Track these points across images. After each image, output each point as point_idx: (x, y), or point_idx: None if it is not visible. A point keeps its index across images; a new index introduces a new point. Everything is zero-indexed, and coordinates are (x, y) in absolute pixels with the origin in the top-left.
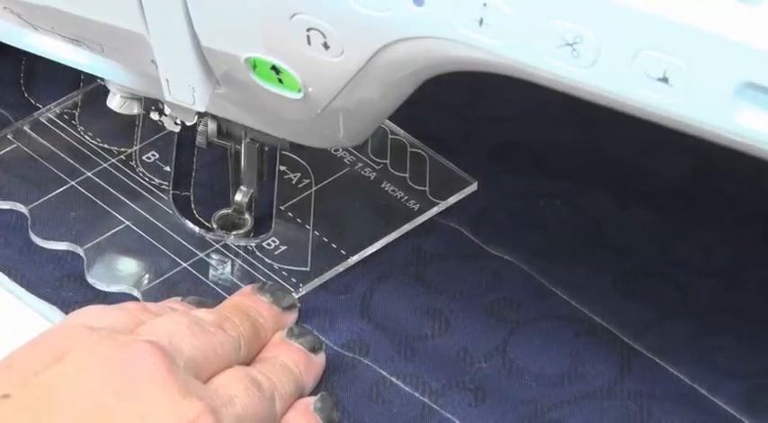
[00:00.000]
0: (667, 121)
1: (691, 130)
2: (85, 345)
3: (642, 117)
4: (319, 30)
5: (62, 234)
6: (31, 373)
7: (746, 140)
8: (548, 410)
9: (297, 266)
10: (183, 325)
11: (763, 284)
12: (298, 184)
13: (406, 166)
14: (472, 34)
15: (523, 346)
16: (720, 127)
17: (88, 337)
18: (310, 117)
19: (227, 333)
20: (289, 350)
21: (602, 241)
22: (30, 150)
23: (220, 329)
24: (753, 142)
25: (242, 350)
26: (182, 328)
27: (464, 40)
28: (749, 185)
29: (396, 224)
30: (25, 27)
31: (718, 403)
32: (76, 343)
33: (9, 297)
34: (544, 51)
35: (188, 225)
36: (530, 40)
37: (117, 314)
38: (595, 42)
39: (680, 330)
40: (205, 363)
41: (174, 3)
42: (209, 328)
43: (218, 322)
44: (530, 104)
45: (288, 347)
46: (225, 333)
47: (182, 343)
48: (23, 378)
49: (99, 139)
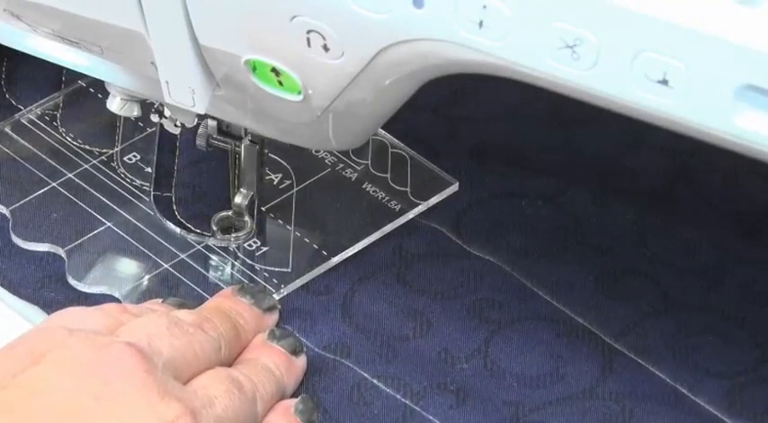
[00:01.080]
0: (667, 123)
1: (690, 132)
2: (63, 347)
3: (642, 119)
4: (319, 32)
5: (43, 235)
6: (9, 376)
7: (746, 142)
8: (529, 412)
9: (278, 267)
10: (163, 326)
11: (744, 283)
12: (279, 184)
13: (388, 166)
14: (472, 36)
15: (505, 347)
16: (720, 129)
17: (66, 338)
18: (310, 119)
19: (207, 334)
20: (270, 352)
21: (584, 241)
22: (11, 152)
23: (200, 330)
24: (753, 144)
25: (222, 351)
26: (161, 329)
27: (464, 42)
28: (730, 184)
29: (377, 225)
30: (25, 29)
31: (699, 403)
32: (55, 345)
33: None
34: (544, 53)
35: (169, 226)
36: (530, 42)
37: (96, 316)
38: (595, 44)
39: (661, 330)
40: (185, 364)
41: (173, 3)
42: (188, 329)
43: (198, 323)
44: (511, 104)
45: (269, 349)
46: (205, 334)
47: (161, 344)
48: (1, 381)
49: (80, 141)
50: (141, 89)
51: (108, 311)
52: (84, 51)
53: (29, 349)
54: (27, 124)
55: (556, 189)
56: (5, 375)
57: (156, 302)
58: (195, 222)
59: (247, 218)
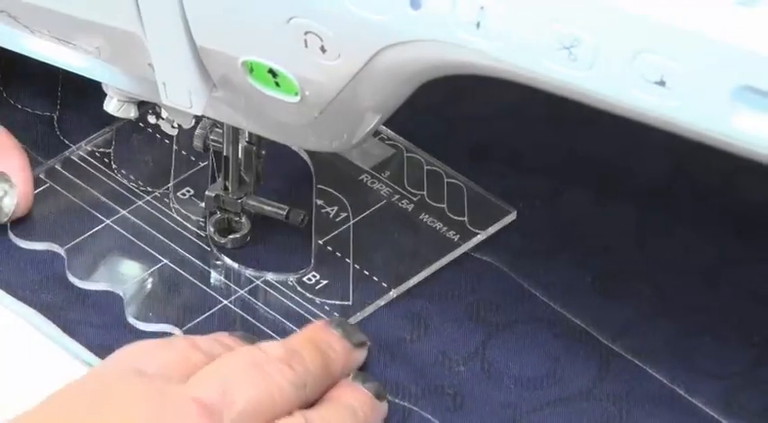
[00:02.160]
0: (665, 124)
1: (688, 133)
2: (130, 397)
3: (640, 120)
4: (316, 33)
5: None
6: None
7: (744, 144)
8: (527, 413)
9: (339, 300)
10: (241, 370)
11: (741, 284)
12: (335, 217)
13: (444, 196)
14: (469, 37)
15: (502, 349)
16: (717, 130)
17: (135, 386)
18: (308, 120)
19: (293, 370)
20: (355, 392)
21: (581, 242)
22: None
23: (286, 367)
24: (750, 146)
25: (307, 388)
26: (239, 374)
27: (461, 43)
28: (727, 185)
29: (437, 255)
30: (22, 30)
31: (696, 404)
32: (122, 392)
33: None
34: (541, 54)
35: (227, 261)
36: (527, 43)
37: (167, 355)
38: (592, 46)
39: (658, 331)
40: (258, 413)
41: (170, 4)
42: (269, 370)
43: (287, 357)
44: (509, 104)
45: (355, 390)
46: (290, 371)
47: (236, 393)
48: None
49: (133, 178)
50: (138, 90)
51: (177, 347)
52: (81, 53)
53: (96, 392)
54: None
55: (554, 190)
56: (69, 420)
57: (223, 335)
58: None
59: (244, 219)
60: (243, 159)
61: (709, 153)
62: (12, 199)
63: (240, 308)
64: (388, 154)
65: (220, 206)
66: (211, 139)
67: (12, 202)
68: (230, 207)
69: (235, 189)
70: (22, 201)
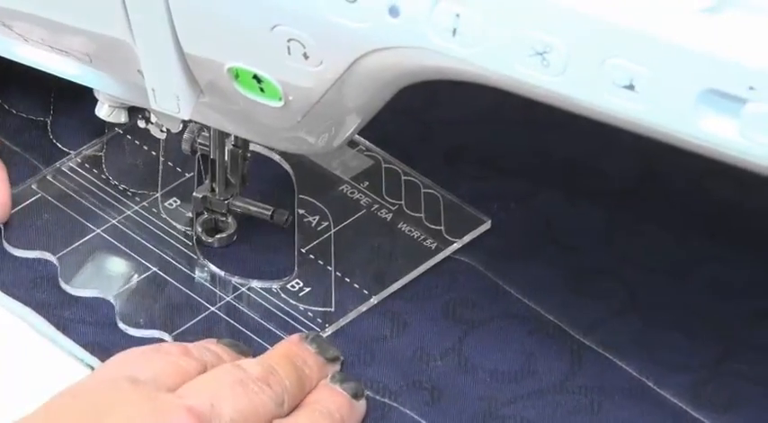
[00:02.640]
0: (634, 127)
1: (656, 135)
2: (125, 406)
3: (610, 123)
4: (299, 41)
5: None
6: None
7: (709, 145)
8: (502, 406)
9: (321, 307)
10: (227, 385)
11: (708, 281)
12: (317, 226)
13: (421, 206)
14: (446, 44)
15: (478, 345)
16: (684, 132)
17: (129, 395)
18: (291, 124)
19: (271, 389)
20: (332, 395)
21: (554, 241)
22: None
23: (266, 385)
24: (715, 146)
25: (285, 405)
26: (225, 390)
27: (438, 49)
28: (694, 185)
29: (415, 263)
30: (17, 39)
31: (665, 396)
32: (117, 401)
33: None
34: (515, 60)
35: (211, 268)
36: (501, 49)
37: (160, 362)
38: (564, 52)
39: (628, 326)
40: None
41: (159, 13)
42: (253, 388)
43: (265, 376)
44: (483, 109)
45: (331, 392)
46: (270, 389)
47: (223, 407)
48: None
49: (123, 185)
50: (128, 96)
51: (170, 355)
52: (73, 60)
53: (92, 402)
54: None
55: (527, 191)
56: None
57: (211, 342)
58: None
59: (231, 219)
60: (229, 162)
61: (677, 154)
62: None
63: (226, 314)
64: (367, 165)
65: (207, 207)
66: (199, 142)
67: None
68: (217, 208)
69: (221, 190)
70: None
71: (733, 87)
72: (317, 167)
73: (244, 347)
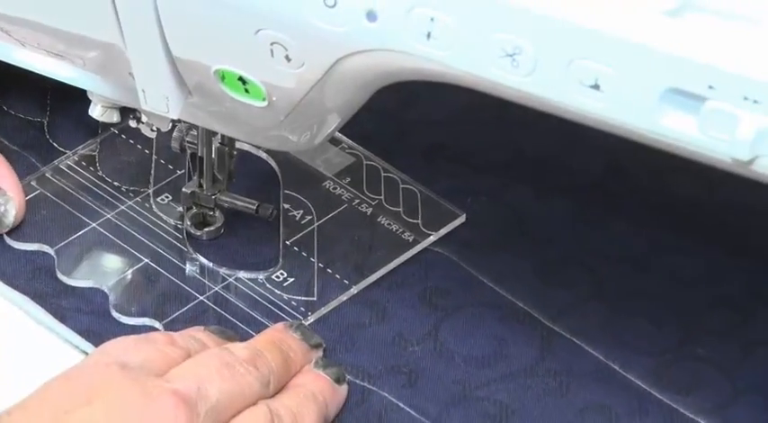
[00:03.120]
0: (600, 124)
1: (621, 132)
2: (116, 388)
3: (577, 120)
4: (282, 44)
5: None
6: (62, 412)
7: (671, 141)
8: (476, 388)
9: (304, 296)
10: (214, 368)
11: (670, 271)
12: (301, 220)
13: (400, 201)
14: (421, 47)
15: (453, 331)
16: (647, 129)
17: (119, 379)
18: (275, 123)
19: (258, 370)
20: (315, 379)
21: (524, 233)
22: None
23: (252, 367)
24: (677, 142)
25: (271, 385)
26: (212, 373)
27: (414, 52)
28: (657, 179)
29: (393, 255)
30: (15, 44)
31: (629, 378)
32: (108, 385)
33: None
34: (487, 62)
35: (201, 259)
36: (473, 51)
37: (148, 350)
38: (533, 53)
39: (595, 313)
40: (229, 406)
41: (148, 19)
42: (239, 369)
43: (252, 358)
44: (457, 108)
45: (314, 377)
46: (256, 371)
47: (210, 389)
48: (55, 416)
49: (117, 182)
50: (120, 97)
51: (157, 343)
52: (68, 63)
53: (84, 385)
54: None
55: (499, 186)
56: (59, 410)
57: (198, 330)
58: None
59: (218, 213)
60: (216, 159)
61: (640, 150)
62: (11, 211)
63: (215, 303)
64: (348, 162)
65: (196, 202)
66: (187, 141)
67: (11, 214)
68: (205, 202)
69: (209, 186)
70: (19, 211)
71: (693, 86)
72: (302, 164)
73: (230, 333)
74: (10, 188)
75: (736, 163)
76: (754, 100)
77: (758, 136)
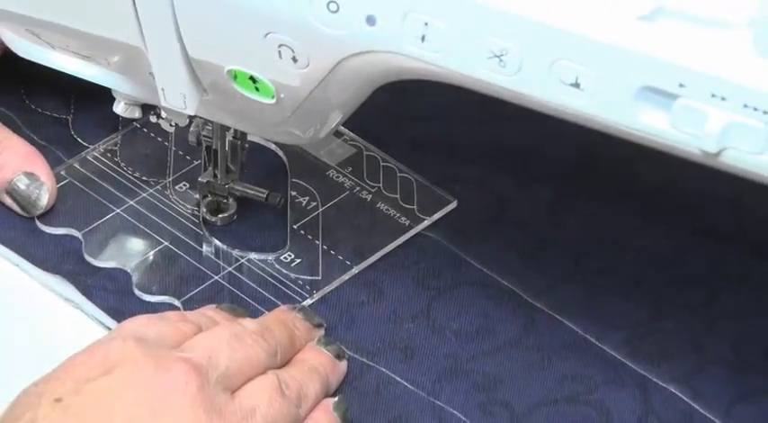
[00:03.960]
0: (578, 119)
1: (598, 126)
2: (133, 360)
3: (558, 116)
4: (289, 46)
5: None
6: (83, 381)
7: (646, 135)
8: (465, 361)
9: (309, 276)
10: (224, 340)
11: (641, 251)
12: (307, 206)
13: (397, 188)
14: (416, 49)
15: (444, 308)
16: (624, 124)
17: (135, 351)
18: (282, 119)
19: (266, 342)
20: (318, 355)
21: (508, 218)
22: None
23: (260, 338)
24: (651, 137)
25: (278, 356)
26: (222, 343)
27: (409, 53)
28: (628, 169)
29: (391, 237)
30: (44, 46)
31: (605, 350)
32: (125, 357)
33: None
34: (476, 62)
35: (216, 243)
36: (464, 53)
37: (162, 326)
38: (518, 54)
39: (573, 291)
40: (239, 374)
41: (167, 23)
42: (248, 340)
43: (260, 331)
44: (447, 104)
45: (317, 353)
46: (264, 342)
47: (220, 358)
48: (76, 385)
49: (138, 173)
50: (142, 95)
51: (170, 319)
52: (94, 64)
53: (103, 357)
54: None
55: (484, 175)
56: (81, 380)
57: (210, 308)
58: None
59: (232, 201)
60: (229, 152)
61: (612, 142)
62: (44, 196)
63: (228, 282)
64: (350, 153)
65: (211, 190)
66: (203, 135)
67: (44, 197)
68: (219, 191)
69: (223, 176)
70: (51, 196)
71: (666, 85)
72: (307, 155)
73: (240, 311)
74: (43, 175)
75: (704, 155)
76: (721, 97)
77: (725, 130)
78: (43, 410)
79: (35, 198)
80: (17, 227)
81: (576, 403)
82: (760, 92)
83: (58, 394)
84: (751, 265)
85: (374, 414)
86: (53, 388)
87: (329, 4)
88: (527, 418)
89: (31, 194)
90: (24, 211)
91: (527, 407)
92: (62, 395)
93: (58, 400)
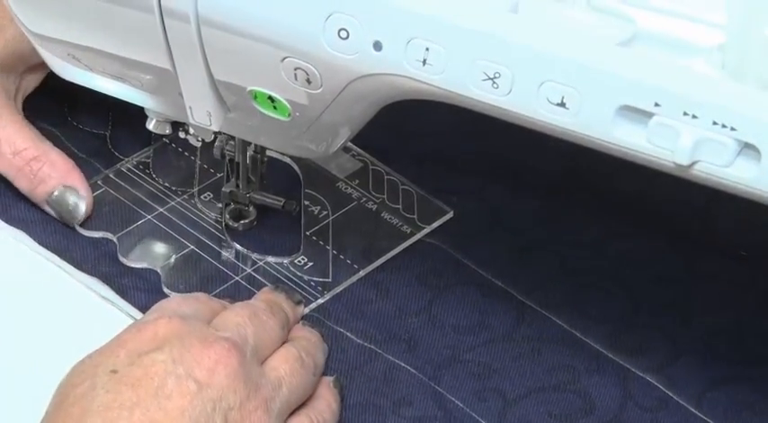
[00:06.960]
0: (564, 135)
1: (581, 142)
2: (179, 337)
3: (545, 132)
4: (303, 69)
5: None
6: (136, 355)
7: (625, 149)
8: (463, 352)
9: (320, 278)
10: (246, 317)
11: (622, 253)
12: (318, 214)
13: (399, 199)
14: (418, 72)
15: (444, 305)
16: (604, 140)
17: (181, 328)
18: (297, 135)
19: (276, 316)
20: (311, 333)
21: (501, 224)
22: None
23: (272, 314)
24: (629, 151)
25: (285, 329)
26: (246, 321)
27: (412, 76)
28: (607, 179)
29: (394, 244)
30: (84, 69)
31: (589, 342)
32: (172, 333)
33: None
34: (472, 84)
35: (236, 246)
36: (461, 75)
37: (196, 304)
38: (510, 76)
39: (560, 289)
40: (264, 348)
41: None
42: (262, 317)
43: (269, 308)
44: (446, 121)
45: (309, 331)
46: (275, 317)
47: (246, 334)
48: (130, 357)
49: (167, 183)
50: (171, 113)
51: (199, 299)
52: (128, 85)
53: (153, 333)
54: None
55: (480, 186)
56: (133, 353)
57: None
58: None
59: (252, 208)
60: (250, 164)
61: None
62: (81, 207)
63: (247, 282)
64: (357, 167)
65: (233, 199)
66: (226, 149)
67: (81, 209)
68: (240, 200)
69: (244, 186)
70: (88, 208)
71: (642, 104)
72: (319, 168)
73: (293, 295)
74: (81, 188)
75: (677, 167)
76: (692, 115)
77: (696, 145)
78: (101, 379)
79: (73, 210)
80: (58, 231)
81: (562, 391)
82: (728, 110)
83: (113, 366)
84: (720, 265)
85: (381, 395)
86: (107, 360)
87: (340, 31)
88: (518, 404)
89: (69, 206)
90: (63, 220)
91: (518, 394)
92: (117, 367)
93: (113, 372)
